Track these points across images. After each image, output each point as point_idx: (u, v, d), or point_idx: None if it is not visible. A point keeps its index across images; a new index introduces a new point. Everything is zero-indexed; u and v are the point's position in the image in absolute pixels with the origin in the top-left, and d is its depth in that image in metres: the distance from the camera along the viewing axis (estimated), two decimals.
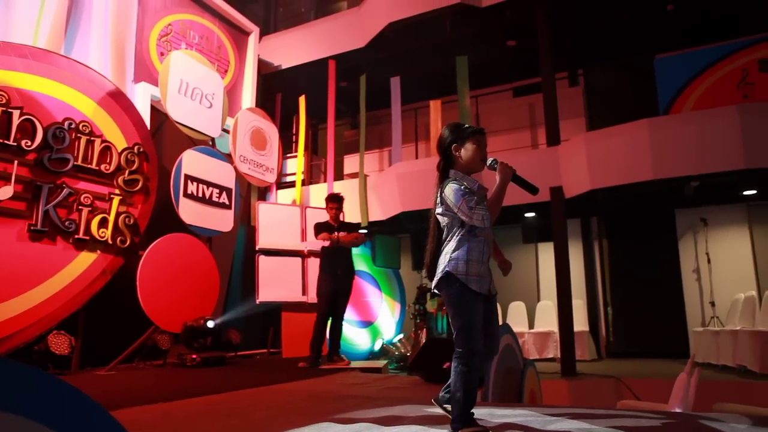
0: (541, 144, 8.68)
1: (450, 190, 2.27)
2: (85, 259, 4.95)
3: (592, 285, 8.60)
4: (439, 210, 2.35)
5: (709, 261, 7.72)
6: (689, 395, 3.10)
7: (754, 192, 7.19)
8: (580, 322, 7.73)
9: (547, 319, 8.19)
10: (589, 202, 7.16)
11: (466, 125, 2.41)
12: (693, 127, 6.10)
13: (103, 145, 5.18)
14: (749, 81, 6.68)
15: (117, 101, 5.44)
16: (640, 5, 7.43)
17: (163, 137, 6.51)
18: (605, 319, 8.51)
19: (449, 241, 2.32)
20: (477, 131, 2.38)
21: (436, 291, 2.36)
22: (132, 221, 5.32)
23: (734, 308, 6.77)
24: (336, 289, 5.36)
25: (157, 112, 6.40)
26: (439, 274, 2.31)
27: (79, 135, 4.98)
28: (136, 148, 5.46)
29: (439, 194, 2.35)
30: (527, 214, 8.15)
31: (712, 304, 7.54)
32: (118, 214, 5.20)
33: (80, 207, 4.93)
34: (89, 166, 5.05)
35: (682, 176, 6.20)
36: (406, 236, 9.25)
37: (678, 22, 7.66)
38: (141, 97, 6.30)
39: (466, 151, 2.35)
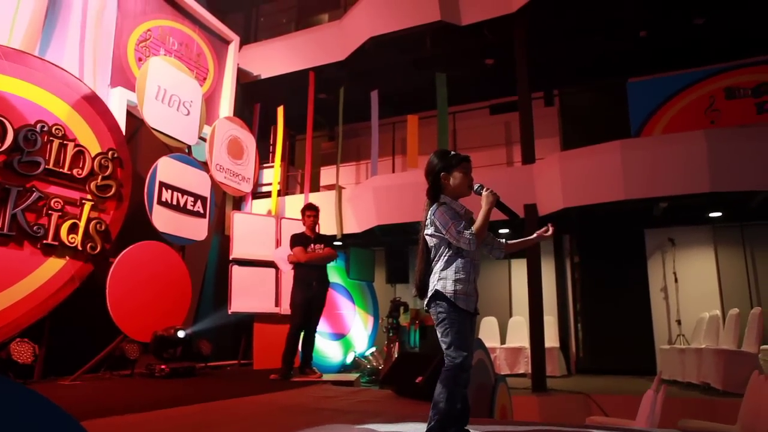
0: (516, 162, 8.82)
1: (440, 213, 2.38)
2: (53, 265, 4.83)
3: (563, 302, 8.71)
4: (428, 231, 2.45)
5: (676, 280, 7.91)
6: (656, 412, 3.16)
7: (719, 214, 7.42)
8: (551, 339, 7.82)
9: (519, 334, 8.27)
10: (562, 220, 7.28)
11: (453, 152, 2.53)
12: (663, 149, 6.28)
13: (76, 149, 5.08)
14: (716, 107, 6.92)
15: (92, 105, 5.35)
16: (615, 30, 7.65)
17: (139, 143, 6.43)
18: (575, 335, 8.63)
19: (438, 261, 2.42)
20: (463, 159, 2.50)
21: (426, 309, 2.46)
22: (103, 227, 5.21)
23: (699, 327, 6.94)
24: (310, 301, 5.33)
25: (133, 117, 6.32)
26: (429, 293, 2.40)
27: (51, 138, 4.88)
28: (110, 153, 5.37)
29: (428, 216, 2.44)
30: (501, 231, 8.24)
31: (679, 322, 7.72)
32: (89, 220, 5.10)
33: (50, 212, 4.81)
34: (61, 170, 4.95)
35: (651, 197, 6.37)
36: (380, 249, 9.26)
37: (650, 48, 7.91)
38: (117, 102, 6.21)
39: (454, 179, 2.47)
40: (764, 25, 7.24)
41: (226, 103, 8.30)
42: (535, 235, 2.61)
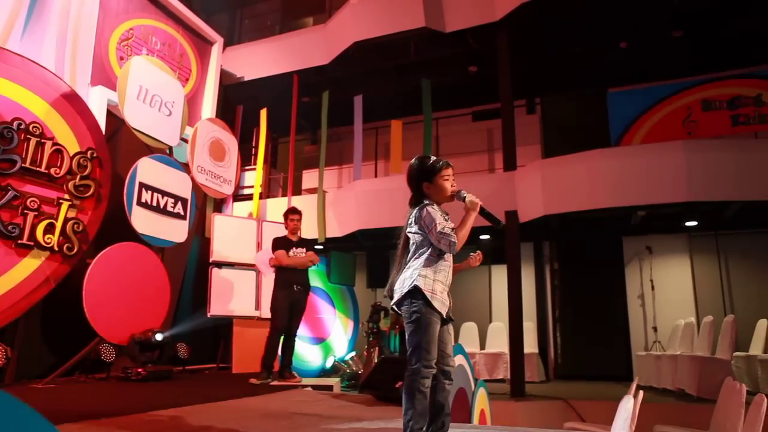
0: (497, 168, 8.90)
1: (427, 211, 2.36)
2: (28, 265, 4.73)
3: (542, 308, 8.80)
4: (412, 228, 2.41)
5: (653, 287, 8.04)
6: (632, 417, 3.20)
7: (695, 223, 7.57)
8: (530, 344, 7.89)
9: (499, 340, 8.32)
10: (542, 227, 7.36)
11: (432, 159, 2.50)
12: (641, 159, 6.40)
13: (54, 147, 4.98)
14: (693, 119, 7.08)
15: (71, 104, 5.26)
16: (596, 41, 7.80)
17: (119, 143, 6.33)
18: (554, 341, 8.72)
19: (417, 258, 2.37)
20: (444, 166, 2.47)
21: (394, 307, 2.39)
22: (81, 228, 5.12)
23: (675, 334, 7.06)
24: (291, 304, 5.29)
25: (113, 117, 6.22)
26: (404, 288, 2.33)
27: (28, 136, 4.78)
28: (89, 152, 5.28)
29: (413, 214, 2.41)
30: (482, 237, 8.30)
31: (655, 329, 7.85)
32: (66, 220, 5.00)
33: (26, 211, 4.71)
34: (38, 169, 4.84)
35: (630, 206, 6.48)
36: (361, 253, 9.26)
37: (629, 60, 8.07)
38: (97, 101, 6.11)
39: (436, 187, 2.46)
40: (740, 39, 7.44)
41: (208, 105, 8.23)
42: (469, 258, 2.63)
